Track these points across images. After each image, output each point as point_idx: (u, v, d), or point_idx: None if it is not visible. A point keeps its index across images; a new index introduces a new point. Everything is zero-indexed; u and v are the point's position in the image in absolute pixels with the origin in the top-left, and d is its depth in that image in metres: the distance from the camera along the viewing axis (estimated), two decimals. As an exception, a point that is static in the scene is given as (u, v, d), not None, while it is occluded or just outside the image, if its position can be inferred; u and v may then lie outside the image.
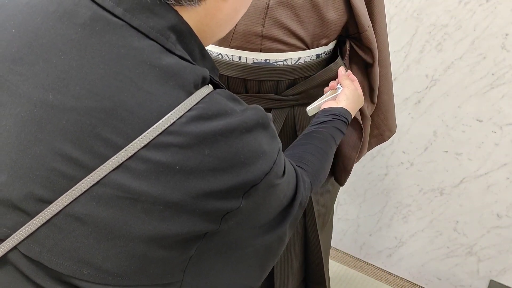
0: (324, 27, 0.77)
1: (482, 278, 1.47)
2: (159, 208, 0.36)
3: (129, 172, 0.35)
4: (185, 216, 0.37)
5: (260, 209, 0.43)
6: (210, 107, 0.38)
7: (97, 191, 0.35)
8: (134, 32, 0.37)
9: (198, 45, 0.43)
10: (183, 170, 0.35)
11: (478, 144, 1.29)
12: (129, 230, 0.36)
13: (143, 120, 0.35)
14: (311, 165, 0.62)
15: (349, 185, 1.63)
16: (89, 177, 0.35)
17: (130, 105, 0.35)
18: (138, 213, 0.35)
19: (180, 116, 0.36)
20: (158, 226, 0.36)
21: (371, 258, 1.71)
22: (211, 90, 0.40)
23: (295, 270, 1.05)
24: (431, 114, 1.34)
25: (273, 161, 0.41)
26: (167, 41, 0.38)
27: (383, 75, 0.90)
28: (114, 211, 0.35)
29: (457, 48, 1.21)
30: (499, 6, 1.11)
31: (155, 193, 0.35)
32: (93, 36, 0.37)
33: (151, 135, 0.35)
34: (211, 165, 0.36)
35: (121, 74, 0.36)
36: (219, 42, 0.78)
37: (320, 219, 1.01)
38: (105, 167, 0.35)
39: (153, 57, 0.37)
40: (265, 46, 0.76)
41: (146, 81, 0.36)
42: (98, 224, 0.35)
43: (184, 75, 0.38)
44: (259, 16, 0.74)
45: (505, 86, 1.19)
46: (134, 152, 0.35)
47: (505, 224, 1.35)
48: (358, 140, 0.91)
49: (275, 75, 0.80)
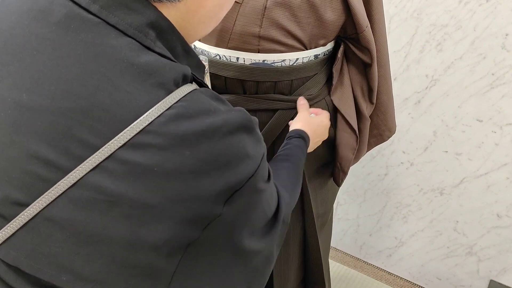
0: (322, 27, 0.76)
1: (482, 278, 1.47)
2: (138, 212, 0.34)
3: (107, 173, 0.34)
4: (165, 221, 0.35)
5: (244, 217, 0.41)
6: (191, 106, 0.36)
7: (74, 193, 0.34)
8: (111, 30, 0.36)
9: (181, 41, 0.41)
10: (162, 172, 0.34)
11: (478, 144, 1.29)
12: (108, 235, 0.34)
13: (120, 119, 0.34)
14: (284, 182, 0.61)
15: (349, 185, 1.63)
16: (65, 179, 0.34)
17: (106, 104, 0.34)
18: (116, 217, 0.34)
19: (159, 114, 0.35)
20: (137, 232, 0.34)
21: (371, 258, 1.71)
22: (193, 88, 0.38)
23: (294, 270, 1.05)
24: (431, 114, 1.33)
25: (257, 165, 0.40)
26: (145, 38, 0.37)
27: (382, 75, 0.90)
28: (92, 215, 0.34)
29: (457, 48, 1.21)
30: (499, 6, 1.11)
31: (134, 195, 0.34)
32: (68, 35, 0.36)
33: (128, 135, 0.34)
34: (192, 167, 0.35)
35: (98, 73, 0.35)
36: (216, 43, 0.78)
37: (319, 219, 1.01)
38: (81, 168, 0.34)
39: (130, 55, 0.36)
40: (262, 47, 0.76)
41: (123, 79, 0.35)
42: (77, 228, 0.34)
43: (164, 72, 0.37)
44: (257, 17, 0.74)
45: (505, 86, 1.18)
46: (111, 153, 0.34)
47: (505, 224, 1.34)
48: (354, 142, 0.91)
49: (273, 76, 0.80)
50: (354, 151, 0.92)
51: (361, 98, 0.91)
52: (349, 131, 0.91)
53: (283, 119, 0.85)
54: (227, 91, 0.84)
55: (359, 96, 0.90)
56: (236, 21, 0.75)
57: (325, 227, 1.08)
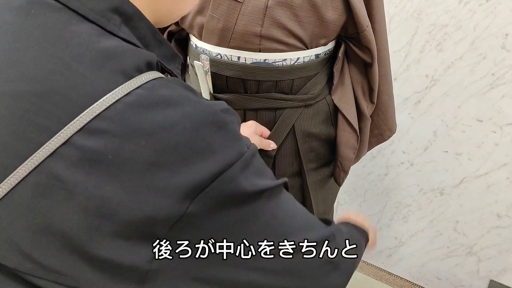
0: (323, 27, 0.77)
1: (482, 278, 1.47)
2: (95, 204, 0.33)
3: (63, 160, 0.33)
4: (124, 215, 0.33)
5: (219, 224, 0.37)
6: (151, 94, 0.35)
7: (32, 180, 0.33)
8: (73, 15, 0.36)
9: (151, 29, 0.41)
10: (117, 161, 0.33)
11: (478, 144, 1.29)
12: (67, 225, 0.33)
13: (76, 104, 0.33)
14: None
15: (349, 185, 1.63)
16: (24, 165, 0.33)
17: (63, 88, 0.33)
18: (74, 207, 0.33)
19: (116, 100, 0.33)
20: (95, 225, 0.33)
21: (371, 258, 1.71)
22: (157, 76, 0.37)
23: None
24: (431, 114, 1.34)
25: (227, 164, 0.36)
26: (108, 23, 0.37)
27: (383, 75, 0.90)
28: (51, 203, 0.33)
29: (457, 48, 1.21)
30: (499, 6, 1.11)
31: (90, 185, 0.33)
32: (29, 19, 0.35)
33: (84, 120, 0.33)
34: (148, 158, 0.33)
35: (55, 57, 0.34)
36: (218, 42, 0.78)
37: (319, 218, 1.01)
38: (39, 154, 0.33)
39: (90, 40, 0.35)
40: (264, 46, 0.76)
41: (81, 64, 0.34)
42: (36, 217, 0.33)
43: (124, 58, 0.36)
44: (258, 16, 0.74)
45: (505, 86, 1.19)
46: (67, 138, 0.33)
47: (505, 224, 1.35)
48: (355, 141, 0.92)
49: (274, 75, 0.80)
50: (355, 151, 0.92)
51: (362, 97, 0.91)
52: (350, 130, 0.91)
53: (289, 119, 0.85)
54: (228, 90, 0.84)
55: (360, 96, 0.90)
56: (237, 20, 0.75)
57: (325, 227, 1.08)
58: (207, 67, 0.81)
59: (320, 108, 0.89)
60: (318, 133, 0.90)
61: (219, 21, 0.76)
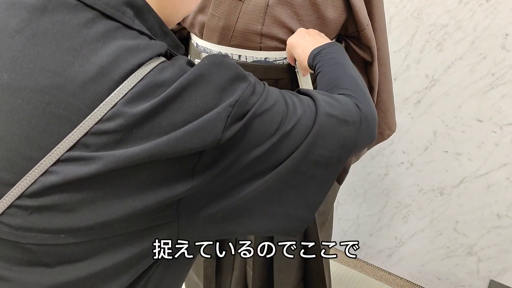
0: (323, 25, 0.77)
1: (482, 278, 1.47)
2: (124, 184, 0.36)
3: (86, 148, 0.35)
4: (145, 189, 0.36)
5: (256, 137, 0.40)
6: (161, 74, 0.37)
7: (56, 171, 0.35)
8: (89, 10, 0.37)
9: (158, 21, 0.42)
10: (137, 136, 0.35)
11: (478, 144, 1.29)
12: (94, 211, 0.36)
13: (94, 94, 0.35)
14: (347, 86, 0.57)
15: (349, 185, 1.63)
16: (47, 156, 0.34)
17: (81, 79, 0.35)
18: (94, 198, 0.35)
19: (132, 86, 0.36)
20: (119, 206, 0.36)
21: (371, 258, 1.71)
22: (160, 61, 0.39)
23: (295, 268, 1.05)
24: (431, 114, 1.34)
25: (224, 115, 0.38)
26: (123, 16, 0.38)
27: (383, 74, 0.90)
28: (73, 195, 0.35)
29: (457, 48, 1.21)
30: (499, 6, 1.11)
31: (111, 166, 0.35)
32: (45, 15, 0.36)
33: (104, 110, 0.35)
34: (172, 124, 0.36)
35: (73, 50, 0.36)
36: (219, 40, 0.79)
37: (320, 217, 1.01)
38: (62, 145, 0.34)
39: (107, 35, 0.37)
40: (264, 44, 0.77)
41: (97, 56, 0.36)
42: (63, 201, 0.35)
43: (138, 50, 0.37)
44: (259, 14, 0.74)
45: (505, 86, 1.19)
46: (89, 128, 0.34)
47: (505, 224, 1.35)
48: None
49: (274, 73, 0.80)
50: (355, 149, 0.92)
51: (362, 96, 0.91)
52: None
53: None
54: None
55: (360, 95, 0.91)
56: (238, 18, 0.75)
57: (325, 226, 1.08)
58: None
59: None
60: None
61: (220, 19, 0.76)
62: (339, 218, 1.72)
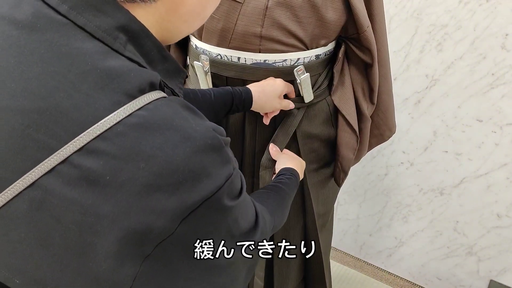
0: (323, 27, 0.77)
1: (482, 278, 1.47)
2: (89, 220, 0.33)
3: (61, 177, 0.33)
4: (116, 232, 0.34)
5: (204, 235, 0.39)
6: (153, 116, 0.35)
7: (28, 194, 0.33)
8: (79, 31, 0.35)
9: (157, 46, 0.40)
10: (114, 182, 0.33)
11: (478, 144, 1.29)
12: (60, 240, 0.34)
13: (77, 123, 0.33)
14: (268, 205, 0.60)
15: (349, 185, 1.63)
16: (21, 180, 0.33)
17: (65, 107, 0.33)
18: (68, 223, 0.33)
19: (118, 121, 0.34)
20: (88, 240, 0.34)
21: (371, 258, 1.71)
22: (160, 96, 0.37)
23: (295, 269, 1.05)
24: (431, 114, 1.34)
25: (218, 186, 0.37)
26: (114, 42, 0.36)
27: (383, 75, 0.90)
28: (46, 217, 0.34)
29: (457, 48, 1.21)
30: (499, 6, 1.11)
31: (86, 203, 0.33)
32: (34, 33, 0.35)
33: (84, 140, 0.33)
34: (146, 181, 0.34)
35: (59, 74, 0.34)
36: (218, 43, 0.78)
37: (320, 219, 1.01)
38: (37, 170, 0.33)
39: (95, 58, 0.35)
40: (264, 46, 0.76)
41: (85, 83, 0.34)
42: (31, 230, 0.34)
43: (128, 78, 0.35)
44: (258, 16, 0.74)
45: (505, 86, 1.19)
46: (66, 156, 0.33)
47: (505, 224, 1.35)
48: (355, 142, 0.92)
49: (274, 75, 0.80)
50: (354, 151, 0.92)
51: (362, 98, 0.91)
52: (350, 131, 0.91)
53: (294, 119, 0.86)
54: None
55: (360, 96, 0.90)
56: (237, 21, 0.75)
57: (325, 227, 1.08)
58: (207, 68, 0.81)
59: (321, 109, 0.88)
60: (319, 134, 0.90)
61: (219, 21, 0.76)
62: (339, 218, 1.72)
